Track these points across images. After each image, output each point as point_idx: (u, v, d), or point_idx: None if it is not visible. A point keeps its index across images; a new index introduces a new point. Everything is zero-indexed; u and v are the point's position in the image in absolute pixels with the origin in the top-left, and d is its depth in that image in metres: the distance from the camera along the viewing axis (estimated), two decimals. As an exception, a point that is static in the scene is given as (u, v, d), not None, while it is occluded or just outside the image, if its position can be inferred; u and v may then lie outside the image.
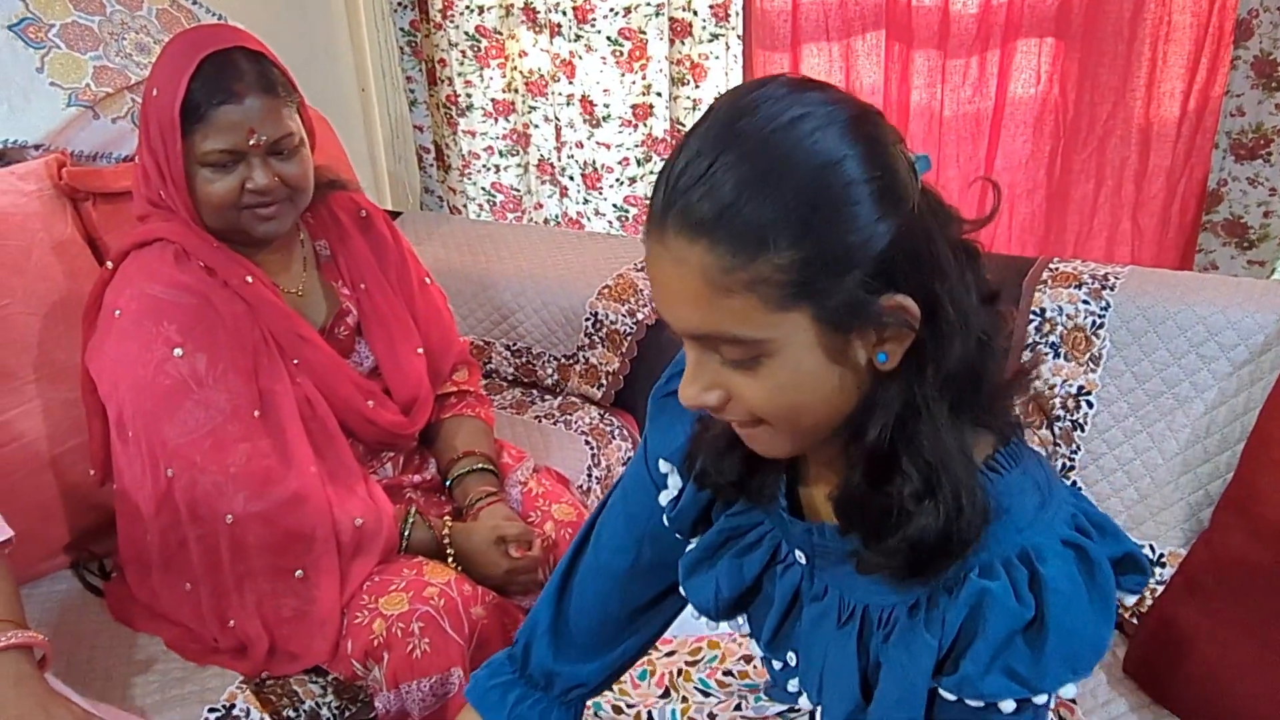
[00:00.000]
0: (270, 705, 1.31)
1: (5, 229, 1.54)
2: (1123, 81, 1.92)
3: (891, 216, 0.69)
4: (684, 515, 0.96)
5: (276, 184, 1.36)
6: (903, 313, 0.71)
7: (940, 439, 0.74)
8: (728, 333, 0.71)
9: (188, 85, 1.30)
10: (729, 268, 0.69)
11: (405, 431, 1.55)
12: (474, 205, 2.70)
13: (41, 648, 1.14)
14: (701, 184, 0.69)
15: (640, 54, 2.30)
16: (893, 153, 0.71)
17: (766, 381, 0.73)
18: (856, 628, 0.83)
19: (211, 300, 1.37)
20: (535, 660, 1.06)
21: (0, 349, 1.49)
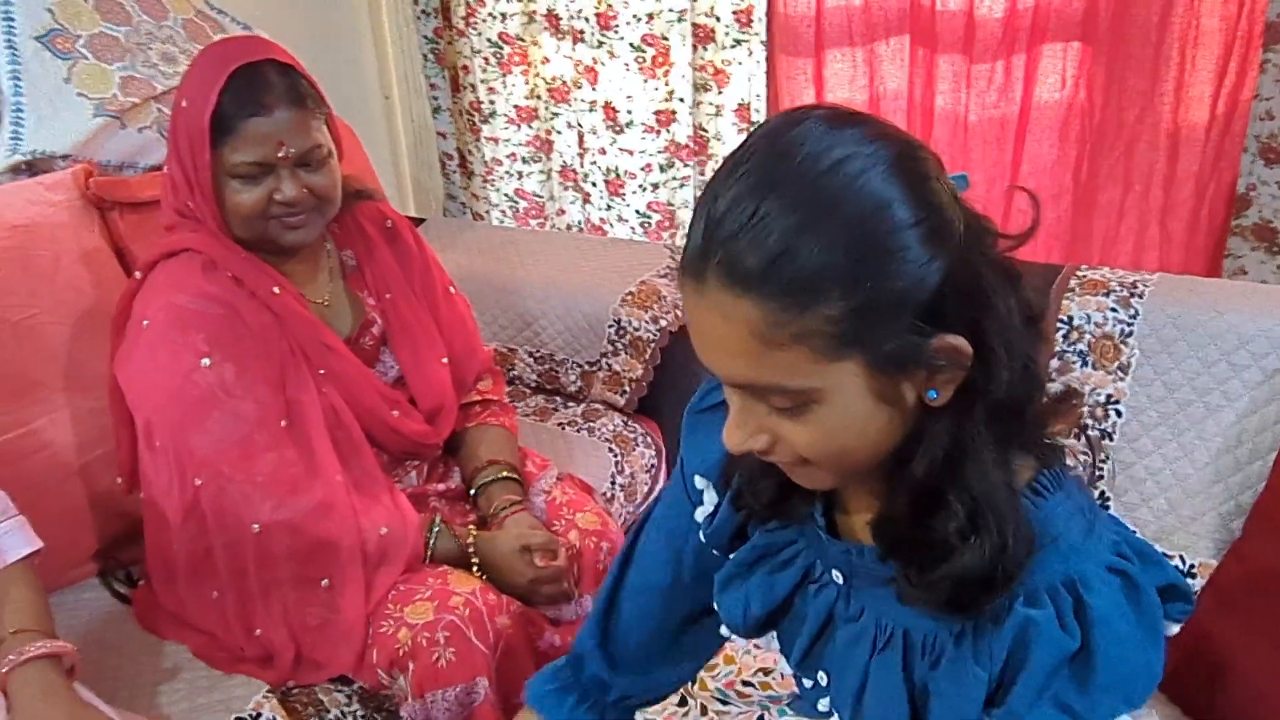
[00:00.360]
0: (296, 714, 1.32)
1: (34, 239, 1.55)
2: (1150, 85, 1.90)
3: (940, 256, 0.68)
4: (720, 531, 0.95)
5: (305, 195, 1.37)
6: (955, 354, 0.70)
7: (987, 474, 0.73)
8: (776, 384, 0.70)
9: (218, 97, 1.31)
10: (777, 322, 0.67)
11: (430, 441, 1.56)
12: (497, 212, 2.70)
13: (70, 657, 1.15)
14: (745, 233, 0.67)
15: (663, 60, 2.30)
16: (936, 188, 0.69)
17: (814, 427, 0.72)
18: (899, 653, 0.82)
19: (239, 310, 1.37)
20: (588, 671, 1.06)
21: (28, 358, 1.50)
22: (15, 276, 1.51)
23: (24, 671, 1.10)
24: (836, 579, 0.87)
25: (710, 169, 2.39)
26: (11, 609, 1.16)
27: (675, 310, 1.99)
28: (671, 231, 2.48)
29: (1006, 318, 0.72)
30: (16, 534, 1.23)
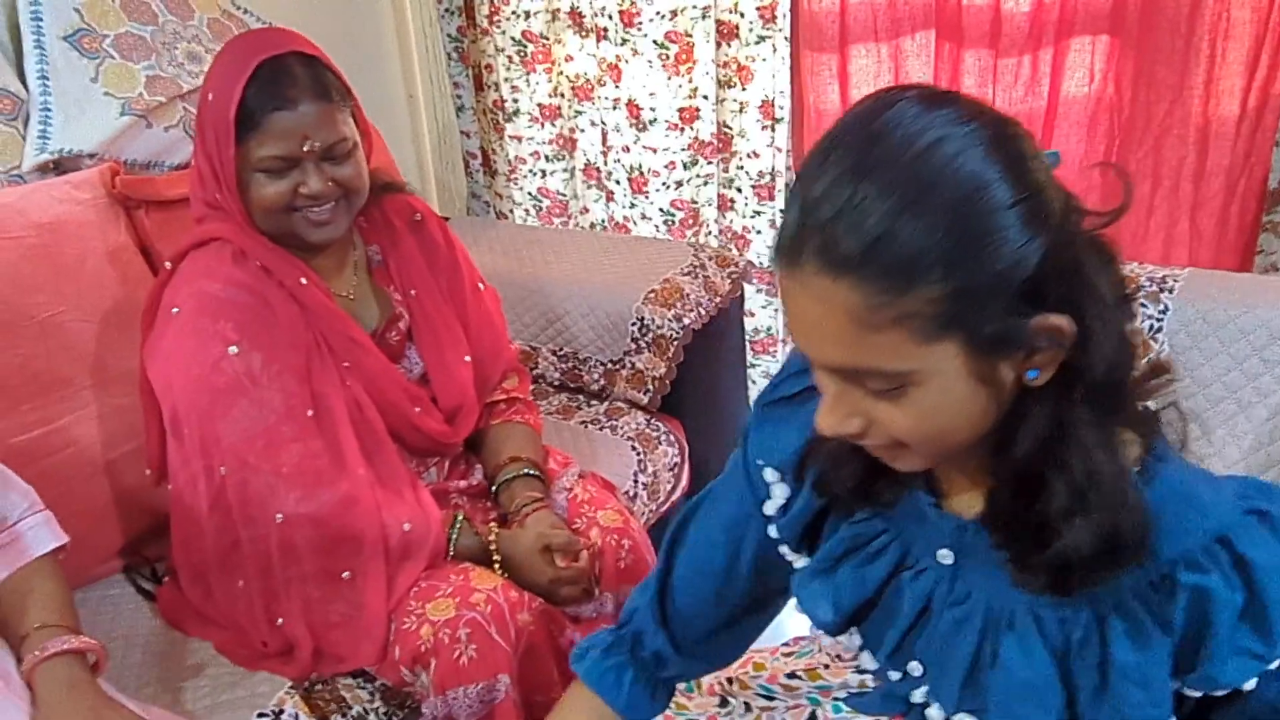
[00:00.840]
0: (319, 710, 1.32)
1: (61, 237, 1.56)
2: (1180, 79, 1.88)
3: (1039, 235, 0.67)
4: (794, 525, 0.94)
5: (330, 188, 1.36)
6: (1057, 334, 0.69)
7: (1089, 453, 0.73)
8: (873, 367, 0.70)
9: (242, 91, 1.31)
10: (876, 305, 0.67)
11: (449, 440, 1.55)
12: (520, 210, 2.70)
13: (94, 653, 1.15)
14: (843, 217, 0.67)
15: (687, 57, 2.29)
16: (1034, 166, 0.69)
17: (911, 410, 0.72)
18: (1034, 633, 0.81)
19: (268, 299, 1.37)
20: (649, 647, 1.06)
21: (55, 355, 1.52)
22: (42, 274, 1.52)
23: (49, 666, 1.10)
24: (944, 560, 0.85)
25: (734, 166, 2.38)
26: (37, 604, 1.16)
27: (699, 308, 1.98)
28: (695, 229, 2.47)
29: (1103, 295, 0.71)
30: (42, 529, 1.24)
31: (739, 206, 2.42)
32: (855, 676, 1.14)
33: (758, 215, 2.39)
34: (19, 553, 1.20)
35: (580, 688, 1.07)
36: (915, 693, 0.91)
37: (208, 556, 1.39)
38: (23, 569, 1.19)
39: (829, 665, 1.18)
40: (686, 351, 1.97)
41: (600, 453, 1.87)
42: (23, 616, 1.15)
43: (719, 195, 2.44)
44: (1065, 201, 0.71)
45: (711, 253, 2.13)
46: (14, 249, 1.50)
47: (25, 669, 1.10)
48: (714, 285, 2.05)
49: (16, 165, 1.66)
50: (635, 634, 1.07)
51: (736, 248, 2.46)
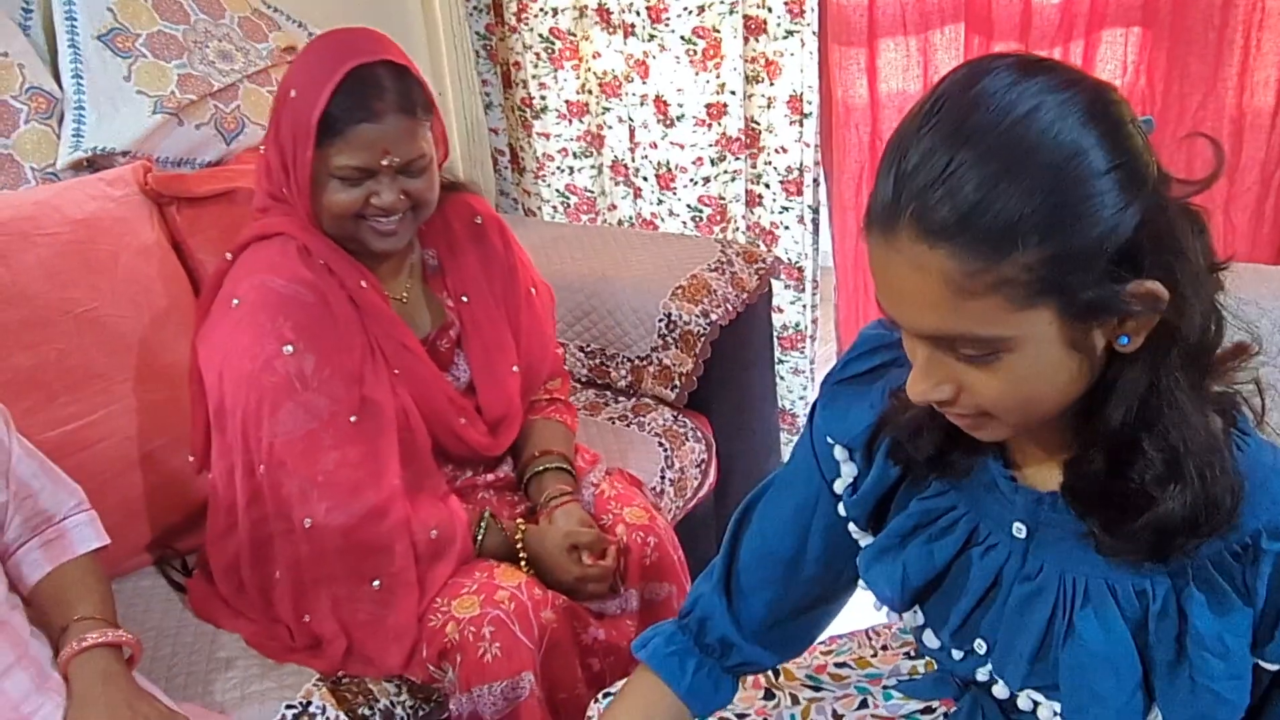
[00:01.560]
0: (346, 703, 1.33)
1: (94, 233, 1.58)
2: (1213, 71, 1.85)
3: (1135, 202, 0.68)
4: (863, 502, 0.94)
5: (401, 201, 1.35)
6: (1152, 299, 0.70)
7: (1186, 419, 0.73)
8: (968, 333, 0.71)
9: (329, 97, 1.29)
10: (974, 271, 0.68)
11: (490, 452, 1.55)
12: (548, 207, 2.71)
13: (129, 647, 1.17)
14: (939, 185, 0.68)
15: (714, 52, 2.29)
16: (1131, 133, 0.69)
17: (1004, 376, 0.72)
18: (1111, 606, 0.81)
19: (329, 300, 1.37)
20: (714, 633, 1.06)
21: (90, 350, 1.54)
22: (77, 270, 1.54)
23: (85, 658, 1.12)
24: (1018, 534, 0.85)
25: (762, 162, 2.38)
26: (77, 598, 1.18)
27: (726, 304, 1.98)
28: (722, 225, 2.46)
29: (1196, 261, 0.71)
30: (87, 528, 1.26)
31: (767, 202, 2.41)
32: (906, 663, 1.14)
33: (785, 211, 2.38)
34: (63, 549, 1.22)
35: (644, 673, 1.06)
36: (979, 671, 0.91)
37: (241, 548, 1.40)
38: (65, 564, 1.21)
39: (877, 654, 1.18)
40: (714, 347, 1.96)
41: (627, 449, 1.87)
42: (63, 609, 1.17)
43: (747, 191, 2.43)
44: (1158, 169, 0.71)
45: (739, 249, 2.13)
46: (50, 245, 1.52)
47: (61, 660, 1.12)
48: (741, 281, 2.04)
49: (51, 163, 1.69)
50: (700, 620, 1.06)
51: (764, 243, 2.45)
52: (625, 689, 1.08)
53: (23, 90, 1.67)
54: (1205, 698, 0.78)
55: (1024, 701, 0.88)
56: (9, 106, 1.65)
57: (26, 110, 1.67)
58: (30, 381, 1.47)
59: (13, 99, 1.65)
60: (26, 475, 1.20)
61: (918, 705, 1.09)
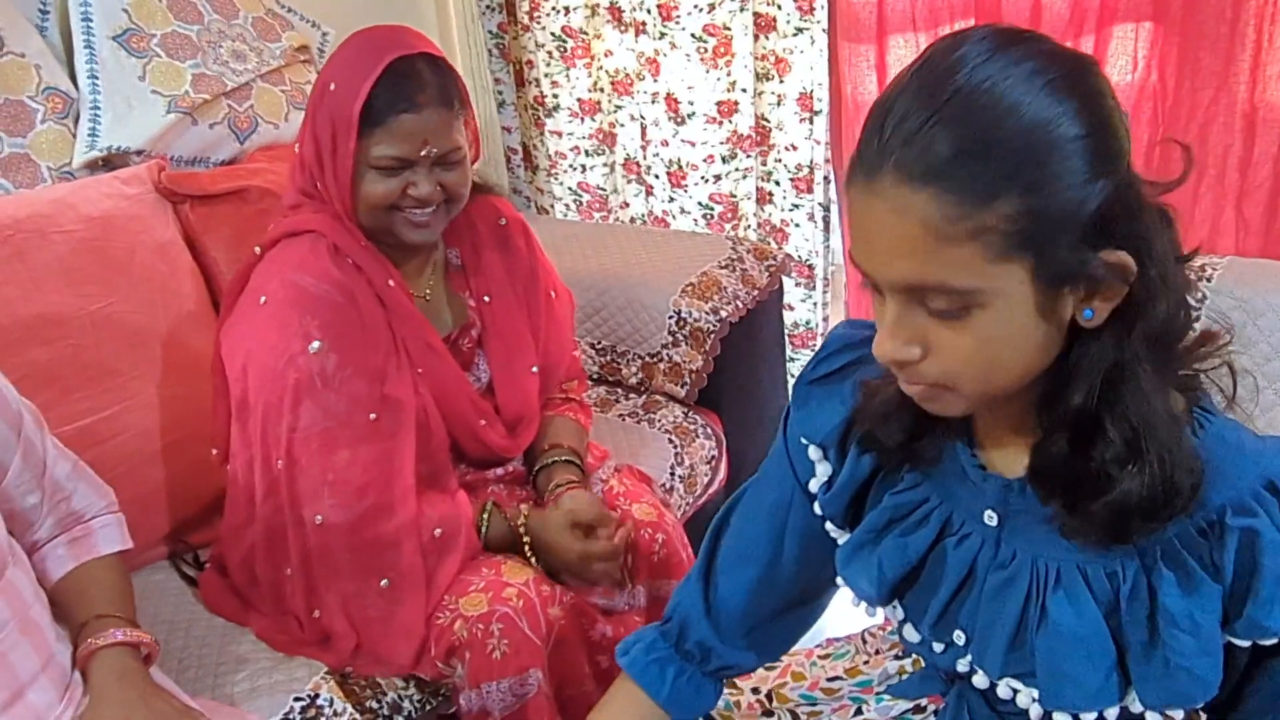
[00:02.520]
0: (354, 696, 1.34)
1: (110, 231, 1.60)
2: (1225, 65, 1.84)
3: (1108, 173, 0.70)
4: (838, 499, 0.95)
5: (437, 193, 1.37)
6: (1121, 270, 0.71)
7: (1147, 399, 0.74)
8: (944, 282, 0.71)
9: (371, 88, 1.30)
10: (955, 216, 0.69)
11: (508, 454, 1.56)
12: (561, 205, 2.72)
13: (147, 646, 1.17)
14: (925, 132, 0.69)
15: (725, 50, 2.29)
16: (1107, 107, 0.71)
17: (972, 335, 0.73)
18: (1082, 589, 0.82)
19: (356, 298, 1.37)
20: (693, 637, 1.07)
21: (105, 346, 1.55)
22: (92, 267, 1.56)
23: (102, 656, 1.13)
24: (989, 521, 0.86)
25: (772, 159, 2.38)
26: (97, 596, 1.19)
27: (736, 301, 1.98)
28: (734, 222, 2.47)
29: (1163, 252, 0.73)
30: (114, 529, 1.27)
31: (777, 199, 2.41)
32: (894, 664, 1.14)
33: (796, 208, 2.38)
34: (88, 547, 1.23)
35: (624, 681, 1.07)
36: (960, 662, 0.92)
37: (256, 540, 1.41)
38: (88, 562, 1.22)
39: (869, 660, 1.18)
40: (724, 345, 1.97)
41: (637, 445, 1.88)
42: (83, 606, 1.18)
43: (757, 188, 2.43)
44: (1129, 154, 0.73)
45: (750, 246, 2.13)
46: (65, 243, 1.54)
47: (80, 656, 1.12)
48: (752, 278, 2.04)
49: (67, 162, 1.71)
50: (680, 626, 1.07)
51: (775, 241, 2.45)
52: (606, 697, 1.09)
53: (39, 90, 1.69)
54: (1180, 676, 0.79)
55: (1004, 690, 0.89)
56: (26, 106, 1.67)
57: (43, 110, 1.69)
58: (46, 377, 1.49)
59: (29, 99, 1.67)
60: (61, 477, 1.21)
61: (908, 705, 1.09)
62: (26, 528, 1.19)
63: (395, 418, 1.38)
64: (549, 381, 1.63)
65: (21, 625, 1.07)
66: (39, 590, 1.15)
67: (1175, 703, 0.81)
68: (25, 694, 1.05)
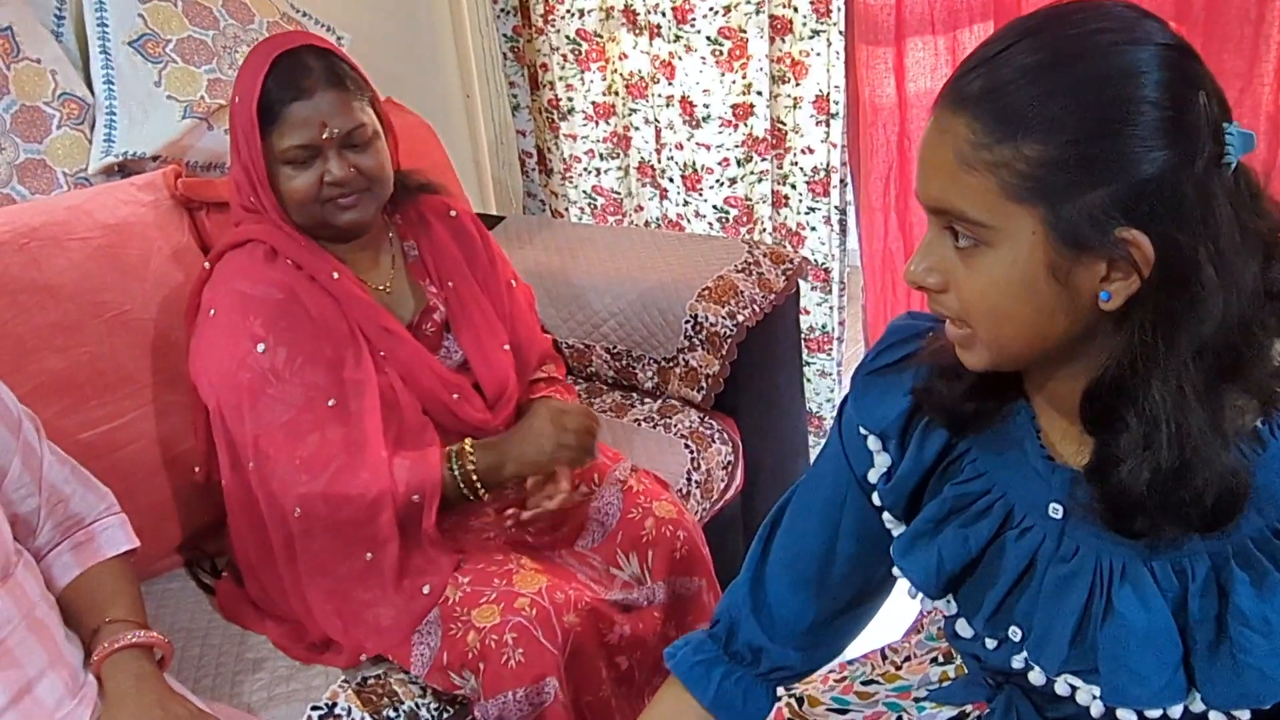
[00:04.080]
0: (371, 704, 1.33)
1: (126, 237, 1.60)
2: (1249, 66, 1.82)
3: (1163, 152, 0.69)
4: (898, 489, 0.94)
5: (353, 175, 1.40)
6: (1133, 249, 0.70)
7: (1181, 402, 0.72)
8: (962, 211, 0.74)
9: (262, 85, 1.35)
10: (977, 144, 0.72)
11: (488, 426, 1.55)
12: (575, 209, 2.71)
13: (161, 648, 1.18)
14: (986, 65, 0.72)
15: (740, 53, 2.28)
16: (1193, 97, 0.70)
17: (982, 274, 0.75)
18: (1149, 585, 0.81)
19: (298, 294, 1.41)
20: (742, 638, 1.06)
21: (120, 353, 1.55)
22: (108, 273, 1.56)
23: (117, 659, 1.13)
24: (1053, 514, 0.85)
25: (788, 162, 2.37)
26: (108, 600, 1.19)
27: (752, 305, 1.97)
28: (749, 226, 2.45)
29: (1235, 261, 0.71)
30: (117, 530, 1.27)
31: (793, 203, 2.40)
32: (935, 669, 1.12)
33: (812, 211, 2.37)
34: (92, 552, 1.24)
35: (671, 684, 1.07)
36: (1014, 659, 0.90)
37: (252, 549, 1.43)
38: (95, 567, 1.22)
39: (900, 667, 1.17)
40: (740, 349, 1.95)
41: (653, 451, 1.87)
42: (94, 612, 1.18)
43: (773, 192, 2.42)
44: (1242, 181, 0.73)
45: (766, 249, 2.12)
46: (81, 249, 1.54)
47: (94, 661, 1.13)
48: (768, 282, 2.03)
49: (83, 168, 1.71)
50: (728, 627, 1.06)
51: (791, 244, 2.44)
52: (654, 701, 1.09)
53: (55, 96, 1.69)
54: (1249, 676, 0.77)
55: (1062, 687, 0.87)
56: (41, 112, 1.67)
57: (59, 116, 1.69)
58: (62, 384, 1.49)
59: (45, 105, 1.67)
60: (58, 481, 1.22)
61: (951, 712, 1.07)
62: (28, 533, 1.19)
63: (359, 400, 1.40)
64: (523, 362, 1.65)
65: (28, 623, 1.08)
66: (46, 593, 1.15)
67: (1243, 703, 0.80)
68: (33, 689, 1.06)
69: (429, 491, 1.39)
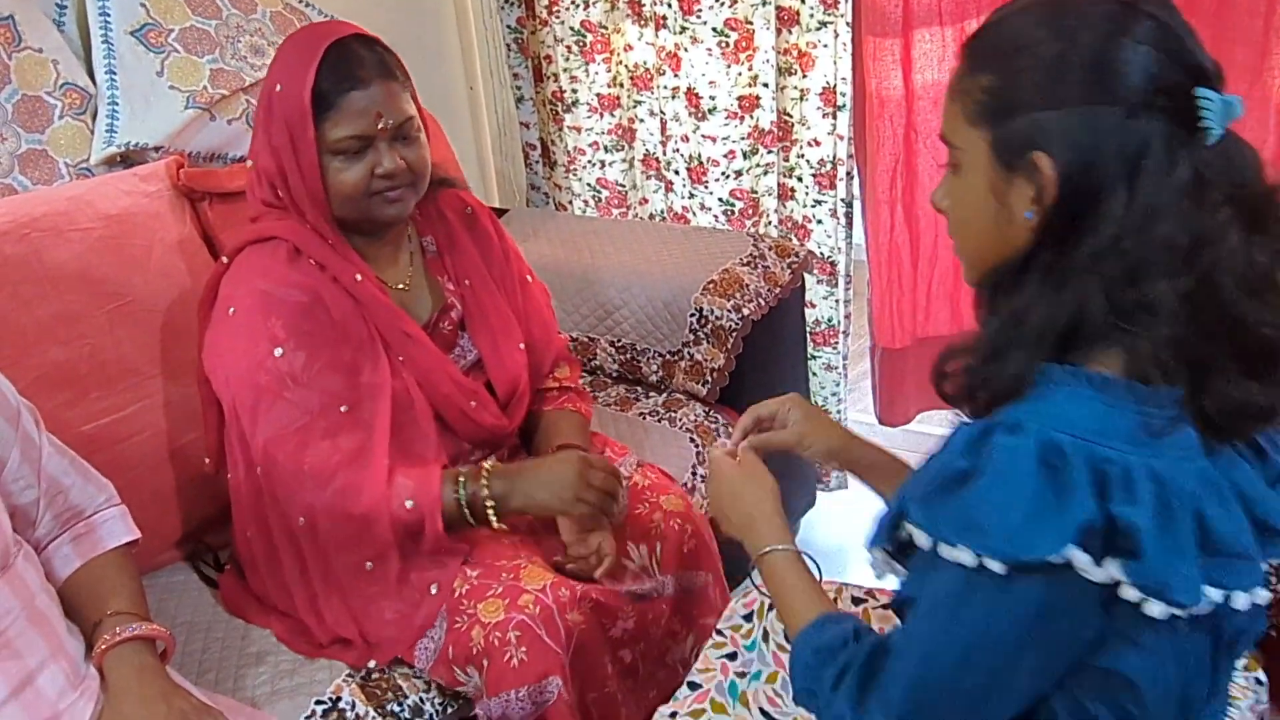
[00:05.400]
0: (375, 699, 1.33)
1: (128, 228, 1.59)
2: (1260, 59, 1.81)
3: (1079, 91, 0.79)
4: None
5: (403, 168, 1.38)
6: (1037, 171, 0.81)
7: (1027, 304, 0.82)
8: (944, 134, 0.89)
9: (315, 75, 1.32)
10: (959, 77, 0.87)
11: (503, 430, 1.55)
12: (579, 201, 2.70)
13: (163, 640, 1.17)
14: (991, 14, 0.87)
15: (746, 44, 2.26)
16: (1127, 49, 0.78)
17: (956, 195, 0.90)
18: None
19: (321, 296, 1.39)
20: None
21: (123, 344, 1.54)
22: (110, 265, 1.55)
23: (119, 652, 1.12)
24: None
25: (794, 155, 2.35)
26: (109, 592, 1.19)
27: (758, 299, 1.96)
28: (754, 219, 2.44)
29: (1147, 207, 0.78)
30: (118, 522, 1.27)
31: (799, 196, 2.38)
32: None
33: (818, 204, 2.36)
34: (93, 544, 1.23)
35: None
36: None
37: (258, 548, 1.42)
38: (96, 559, 1.22)
39: None
40: (745, 343, 1.95)
41: (658, 445, 1.86)
42: (95, 604, 1.17)
43: (779, 184, 2.40)
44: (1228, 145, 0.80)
45: (771, 243, 2.10)
46: (83, 240, 1.53)
47: (96, 653, 1.12)
48: (774, 276, 2.02)
49: (85, 158, 1.70)
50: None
51: (797, 238, 2.42)
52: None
53: (57, 86, 1.68)
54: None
55: None
56: (43, 102, 1.66)
57: (60, 106, 1.68)
58: (64, 376, 1.48)
59: (47, 94, 1.66)
60: (57, 472, 1.21)
61: None
62: (27, 525, 1.19)
63: (371, 404, 1.38)
64: (537, 362, 1.64)
65: (28, 614, 1.08)
66: (47, 585, 1.15)
67: None
68: (35, 680, 1.06)
69: (428, 510, 1.36)
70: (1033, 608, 0.78)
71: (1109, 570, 0.75)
